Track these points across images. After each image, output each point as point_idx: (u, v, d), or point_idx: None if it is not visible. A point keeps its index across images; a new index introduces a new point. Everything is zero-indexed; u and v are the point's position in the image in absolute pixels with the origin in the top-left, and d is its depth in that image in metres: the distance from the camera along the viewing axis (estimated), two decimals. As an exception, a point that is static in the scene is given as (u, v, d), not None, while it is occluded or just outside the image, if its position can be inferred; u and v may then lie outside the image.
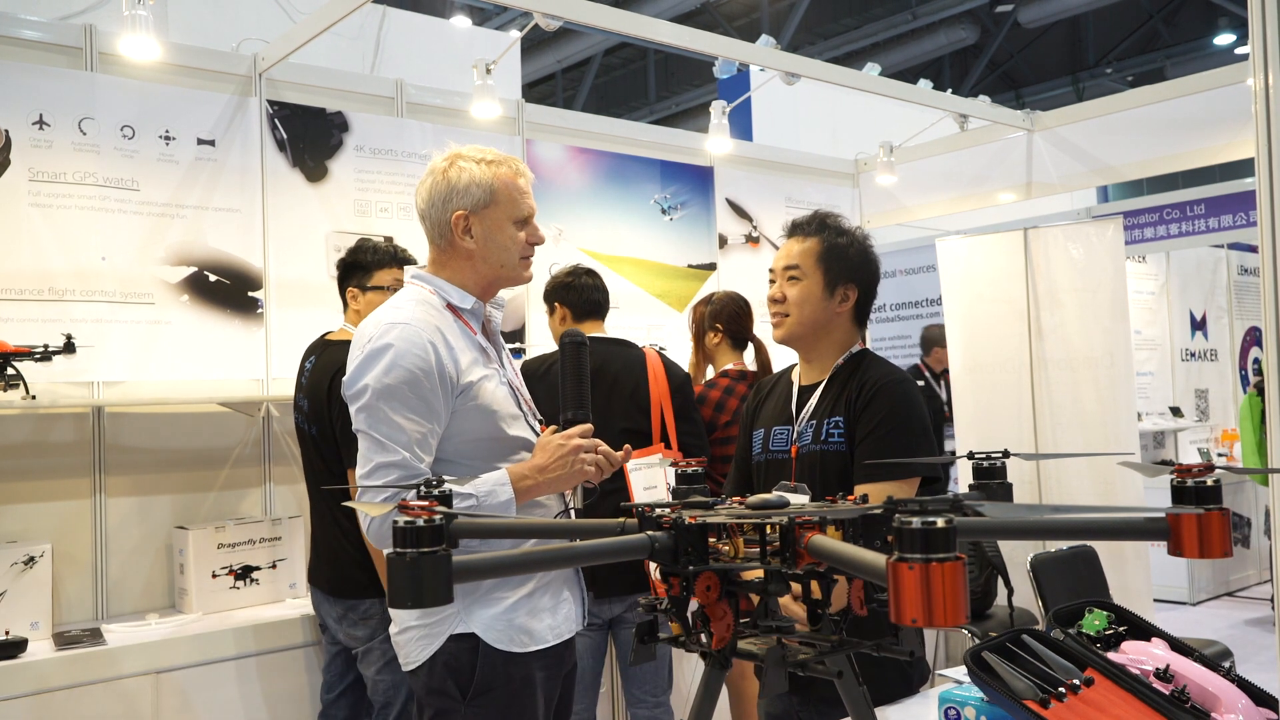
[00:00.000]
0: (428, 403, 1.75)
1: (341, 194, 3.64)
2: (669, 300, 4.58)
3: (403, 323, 1.78)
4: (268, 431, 3.48)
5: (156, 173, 3.24)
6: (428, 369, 1.75)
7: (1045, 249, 4.53)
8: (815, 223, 2.14)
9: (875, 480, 1.94)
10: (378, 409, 1.73)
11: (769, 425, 2.18)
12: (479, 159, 1.89)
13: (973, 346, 4.66)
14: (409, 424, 1.73)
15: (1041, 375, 4.49)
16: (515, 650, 1.81)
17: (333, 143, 3.63)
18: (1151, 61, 12.71)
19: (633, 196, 4.49)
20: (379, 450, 1.72)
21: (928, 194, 5.29)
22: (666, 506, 1.19)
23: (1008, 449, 1.31)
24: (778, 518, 1.08)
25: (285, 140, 3.53)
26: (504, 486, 1.76)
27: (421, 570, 0.86)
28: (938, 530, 0.77)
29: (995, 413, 4.56)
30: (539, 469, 1.81)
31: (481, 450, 1.82)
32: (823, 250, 2.10)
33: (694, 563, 1.08)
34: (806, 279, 2.10)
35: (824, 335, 2.11)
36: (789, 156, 5.25)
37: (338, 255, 3.62)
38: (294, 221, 3.52)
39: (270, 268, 3.45)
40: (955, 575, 0.76)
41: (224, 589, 3.14)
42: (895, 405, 2.00)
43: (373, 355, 1.76)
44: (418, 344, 1.75)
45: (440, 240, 1.90)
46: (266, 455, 3.48)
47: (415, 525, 0.86)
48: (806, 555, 1.03)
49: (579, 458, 1.84)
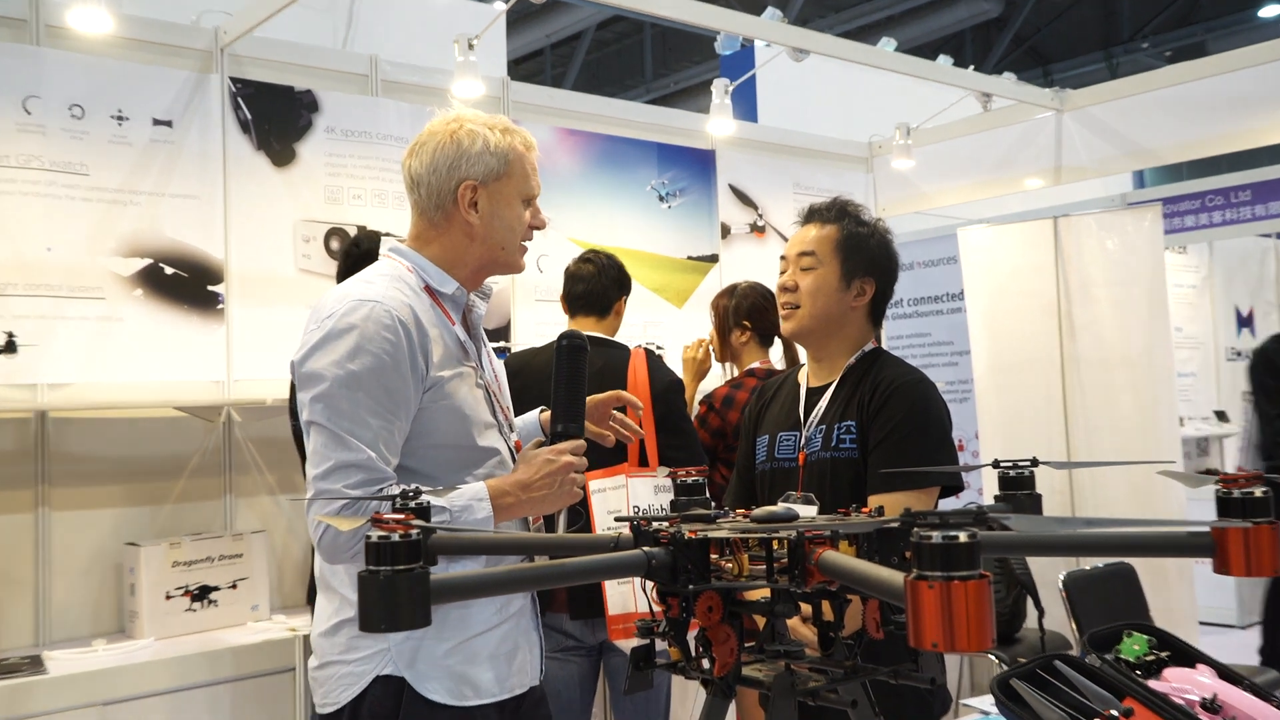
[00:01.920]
0: (395, 396, 1.68)
1: (310, 180, 3.63)
2: (667, 295, 4.58)
3: (372, 300, 1.70)
4: (228, 439, 3.47)
5: (108, 156, 3.23)
6: (398, 357, 1.68)
7: (1077, 239, 4.53)
8: (835, 209, 2.15)
9: (891, 490, 1.94)
10: (338, 399, 1.65)
11: (774, 431, 2.17)
12: (491, 125, 1.82)
13: (998, 345, 4.66)
14: (374, 419, 1.65)
15: (1073, 376, 4.50)
16: (452, 704, 1.71)
17: (301, 124, 3.62)
18: (1191, 35, 12.73)
19: (627, 183, 4.49)
20: (338, 447, 1.64)
21: (948, 179, 5.29)
22: (664, 520, 1.18)
23: (1036, 457, 1.30)
24: (785, 532, 1.08)
25: (249, 121, 3.52)
26: (482, 502, 1.70)
27: (397, 590, 0.85)
28: (960, 545, 0.76)
29: (1022, 417, 4.56)
30: (522, 485, 1.75)
31: (444, 460, 1.75)
32: (841, 238, 2.11)
33: (694, 581, 1.08)
34: (822, 267, 2.10)
35: (836, 331, 2.11)
36: (797, 139, 5.25)
37: (306, 245, 3.62)
38: (258, 209, 3.51)
39: (232, 260, 3.44)
40: (979, 595, 0.75)
41: (179, 611, 3.13)
42: (912, 408, 2.00)
43: (334, 336, 1.68)
44: (387, 327, 1.68)
45: (435, 212, 1.82)
46: (227, 465, 3.47)
47: (390, 540, 0.86)
48: (817, 573, 1.03)
49: (569, 477, 1.78)
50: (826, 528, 1.07)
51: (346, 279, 2.78)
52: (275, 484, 3.56)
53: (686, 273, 4.66)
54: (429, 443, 1.74)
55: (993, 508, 1.20)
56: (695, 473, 1.41)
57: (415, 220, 1.86)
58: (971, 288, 4.78)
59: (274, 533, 3.51)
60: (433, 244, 1.84)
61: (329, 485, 1.63)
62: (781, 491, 2.04)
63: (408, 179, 1.85)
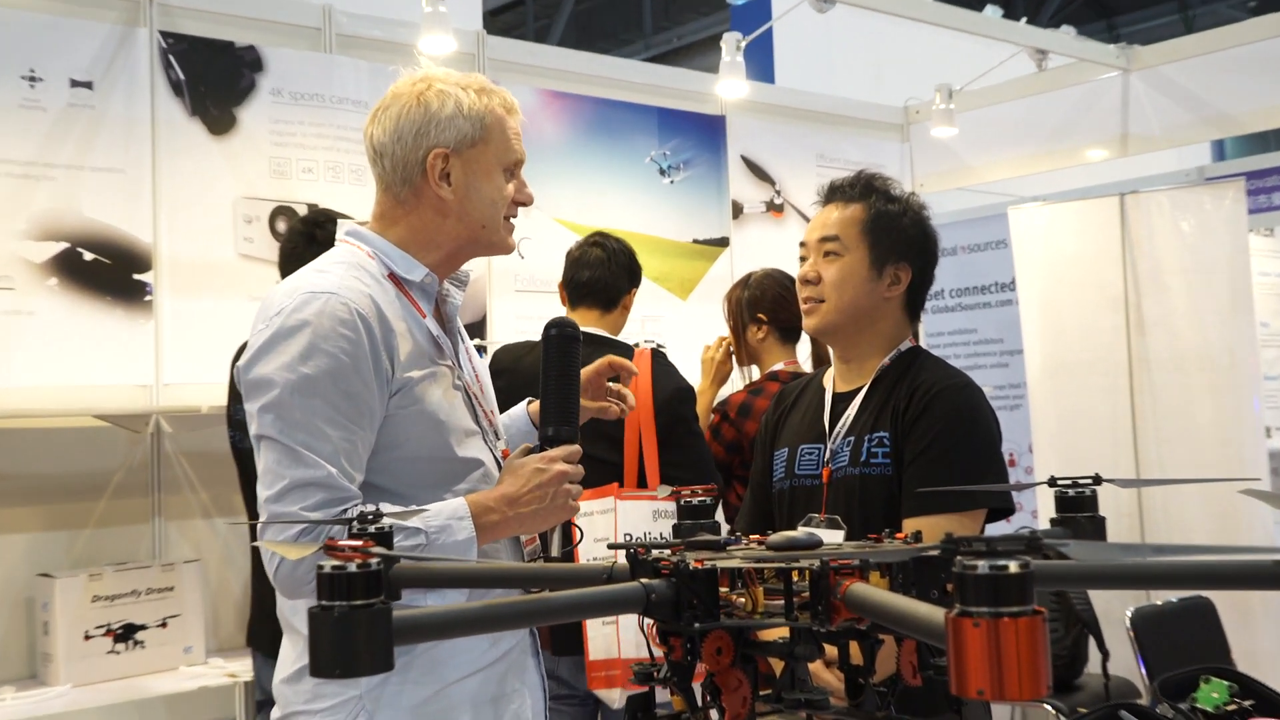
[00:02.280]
0: (356, 403, 1.67)
1: (254, 150, 3.63)
2: (669, 285, 4.58)
3: (327, 292, 1.69)
4: (157, 452, 3.47)
5: (18, 123, 3.23)
6: (358, 357, 1.67)
7: (1147, 220, 4.53)
8: (860, 185, 2.15)
9: (930, 513, 1.94)
10: (290, 408, 1.64)
11: (794, 443, 2.17)
12: (465, 84, 1.82)
13: (1055, 344, 4.67)
14: (333, 429, 1.65)
15: (1143, 379, 4.50)
16: None
17: (242, 85, 3.62)
18: (1280, -17, 12.74)
19: (623, 154, 4.49)
20: (294, 463, 1.63)
21: (997, 150, 5.30)
22: (666, 547, 1.18)
23: (1099, 474, 1.30)
24: (807, 561, 1.07)
25: (182, 82, 3.52)
26: (462, 521, 1.69)
27: (354, 629, 0.84)
28: (1010, 576, 0.76)
29: (1083, 427, 4.56)
30: (509, 500, 1.74)
31: (418, 474, 1.75)
32: (869, 219, 2.11)
33: (701, 619, 1.07)
34: (848, 254, 2.10)
35: (867, 326, 2.12)
36: (821, 103, 5.25)
37: (248, 227, 3.62)
38: (193, 185, 3.52)
39: (162, 244, 3.44)
40: (1033, 634, 0.75)
41: (100, 654, 3.12)
42: (956, 417, 2.00)
43: (283, 335, 1.67)
44: (344, 322, 1.67)
45: (401, 187, 1.82)
46: (155, 483, 3.47)
47: (346, 571, 0.85)
48: (844, 609, 1.02)
49: (563, 489, 1.78)
50: (855, 556, 1.07)
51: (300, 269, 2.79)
52: (211, 505, 3.56)
53: (692, 259, 4.66)
54: (400, 455, 1.73)
55: (1048, 533, 1.20)
56: (702, 492, 1.41)
57: (380, 198, 1.86)
58: (1024, 276, 4.78)
59: (210, 562, 3.51)
60: (399, 224, 1.83)
61: (284, 508, 1.63)
62: (803, 514, 2.02)
63: (370, 149, 1.85)
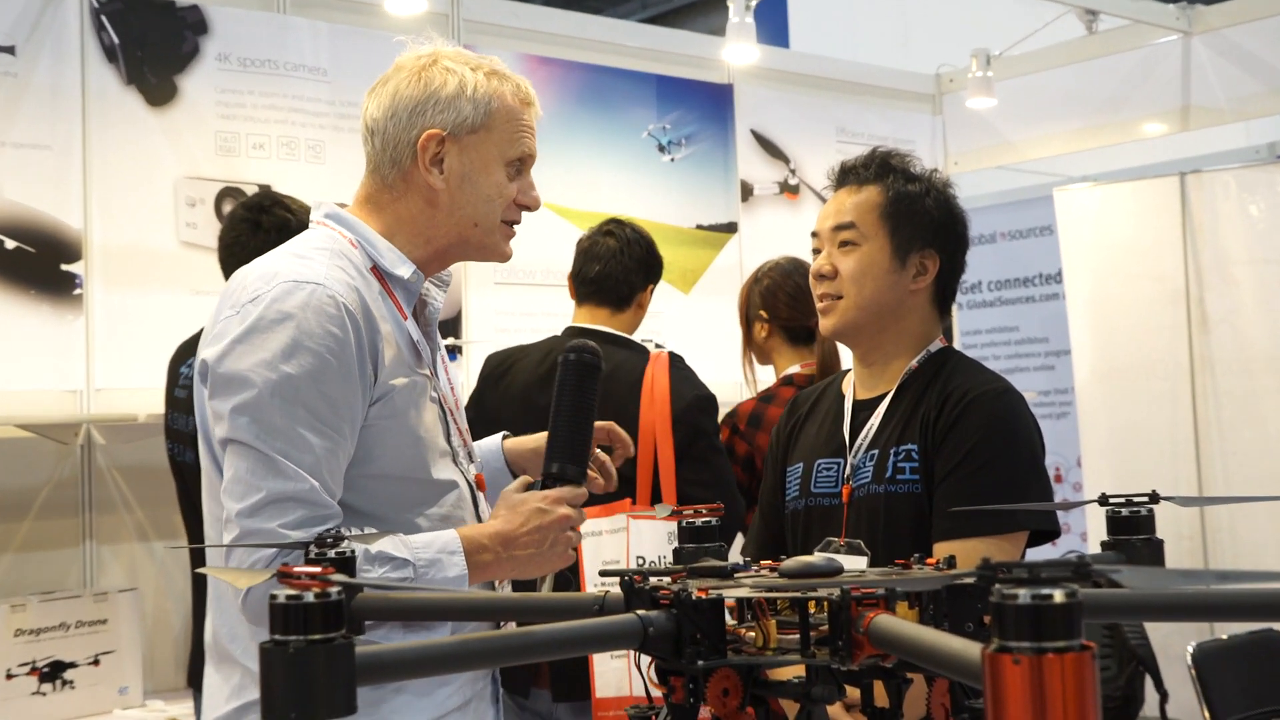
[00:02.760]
0: (340, 409, 1.69)
1: (198, 124, 3.63)
2: (669, 277, 4.55)
3: (312, 282, 1.70)
4: (88, 467, 3.47)
5: (-72, 93, 3.23)
6: (344, 358, 1.68)
7: (1210, 203, 4.54)
8: (875, 164, 2.15)
9: (964, 536, 1.94)
10: (269, 411, 1.65)
11: (810, 458, 2.17)
12: (476, 65, 1.85)
13: (1107, 343, 4.67)
14: (316, 438, 1.66)
15: (1206, 383, 4.50)
16: None
17: (185, 50, 3.62)
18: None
19: (617, 128, 4.49)
20: (271, 474, 1.64)
21: (1041, 124, 5.29)
22: (665, 575, 1.18)
23: (1157, 490, 1.31)
24: (826, 590, 1.07)
25: (116, 46, 3.51)
26: (454, 556, 1.70)
27: (311, 667, 0.84)
28: (1056, 607, 0.76)
29: (1139, 438, 4.57)
30: (504, 539, 1.76)
31: (389, 495, 1.76)
32: (888, 202, 2.11)
33: (705, 655, 1.07)
34: (866, 243, 2.10)
35: (892, 324, 2.12)
36: (841, 70, 5.25)
37: (191, 211, 3.61)
38: (129, 163, 3.51)
39: (94, 230, 3.44)
40: (1081, 672, 0.75)
41: (23, 695, 3.11)
42: (993, 427, 2.00)
43: (263, 327, 1.67)
44: (332, 318, 1.68)
45: (390, 169, 1.83)
46: (86, 501, 3.46)
47: (302, 602, 0.86)
48: (867, 644, 1.02)
49: (564, 535, 1.79)
50: (880, 584, 1.06)
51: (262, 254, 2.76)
52: (149, 526, 3.55)
53: (695, 247, 4.66)
54: (370, 472, 1.74)
55: (1099, 557, 1.20)
56: (707, 512, 1.41)
57: (366, 180, 1.88)
58: (1071, 267, 4.78)
59: (147, 592, 3.50)
60: (384, 212, 1.85)
61: (260, 524, 1.63)
62: (820, 537, 2.03)
63: (364, 126, 1.87)
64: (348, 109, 3.79)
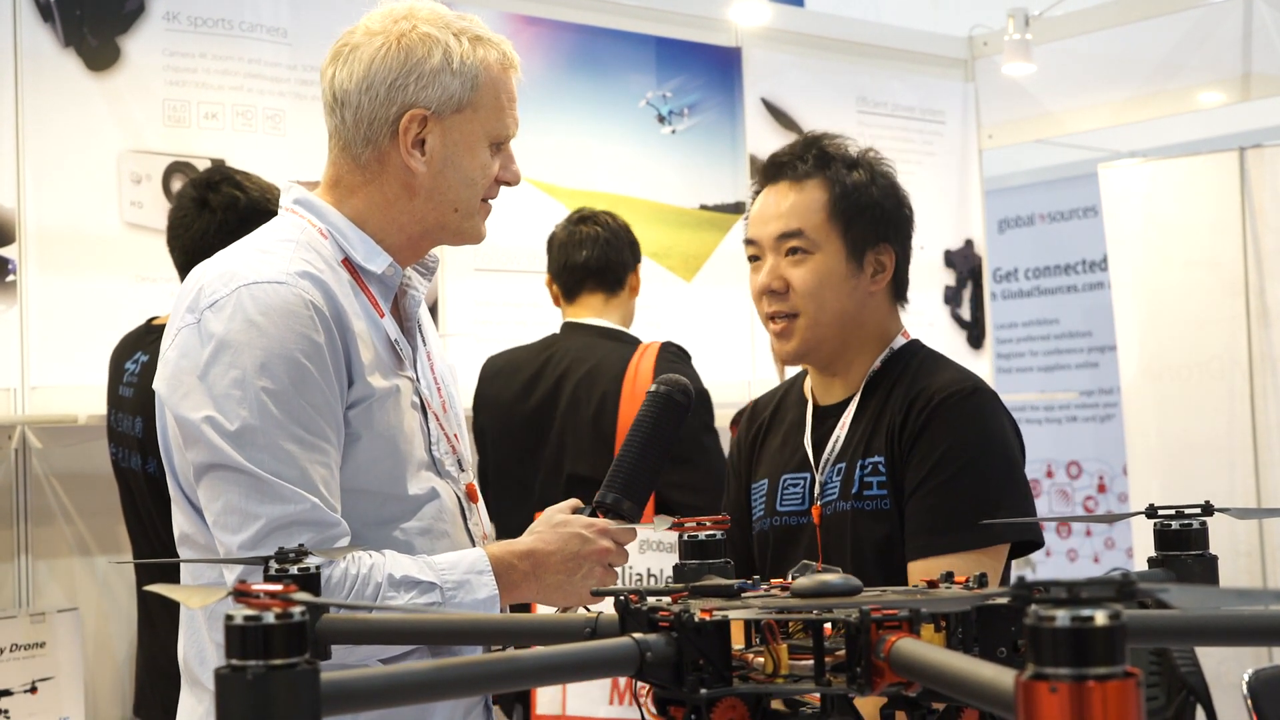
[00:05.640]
0: (326, 417, 1.71)
1: (143, 91, 3.63)
2: (669, 263, 4.58)
3: (274, 282, 1.71)
4: (23, 473, 3.47)
5: None
6: (321, 363, 1.70)
7: (1273, 181, 4.54)
8: (812, 155, 2.15)
9: (937, 553, 1.95)
10: (252, 431, 1.66)
11: (775, 473, 2.19)
12: (458, 30, 1.84)
13: (1157, 338, 4.67)
14: (306, 453, 1.68)
15: (1267, 382, 4.50)
16: None
17: (129, 8, 3.62)
18: None
19: (612, 96, 4.49)
20: (267, 498, 1.65)
21: (1084, 93, 5.29)
22: (665, 594, 1.18)
23: (1210, 501, 1.31)
24: (843, 611, 1.08)
25: (52, 4, 3.51)
26: (483, 576, 1.73)
27: (272, 695, 0.84)
28: (1097, 630, 0.76)
29: (1192, 443, 4.57)
30: (536, 559, 1.79)
31: (361, 511, 1.76)
32: (835, 199, 2.11)
33: (709, 683, 1.07)
34: (818, 251, 2.10)
35: (854, 331, 2.13)
36: (862, 32, 5.25)
37: (136, 188, 3.61)
38: (67, 135, 3.52)
39: (27, 210, 3.44)
40: (1124, 702, 0.75)
41: (-49, 727, 3.12)
42: (964, 429, 2.02)
43: (231, 342, 1.68)
44: (303, 320, 1.69)
45: (363, 148, 1.83)
46: (20, 512, 3.46)
47: (261, 623, 0.85)
48: (889, 671, 1.02)
49: (597, 570, 1.82)
50: (904, 605, 1.08)
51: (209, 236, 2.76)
52: (91, 539, 3.55)
53: (699, 229, 4.66)
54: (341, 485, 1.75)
55: (1145, 575, 1.20)
56: (711, 524, 1.41)
57: (335, 158, 1.87)
58: (1118, 253, 4.78)
59: (88, 612, 3.50)
60: (356, 195, 1.85)
61: (267, 554, 1.65)
62: (790, 559, 2.02)
63: (328, 94, 1.85)
64: (310, 74, 3.77)
